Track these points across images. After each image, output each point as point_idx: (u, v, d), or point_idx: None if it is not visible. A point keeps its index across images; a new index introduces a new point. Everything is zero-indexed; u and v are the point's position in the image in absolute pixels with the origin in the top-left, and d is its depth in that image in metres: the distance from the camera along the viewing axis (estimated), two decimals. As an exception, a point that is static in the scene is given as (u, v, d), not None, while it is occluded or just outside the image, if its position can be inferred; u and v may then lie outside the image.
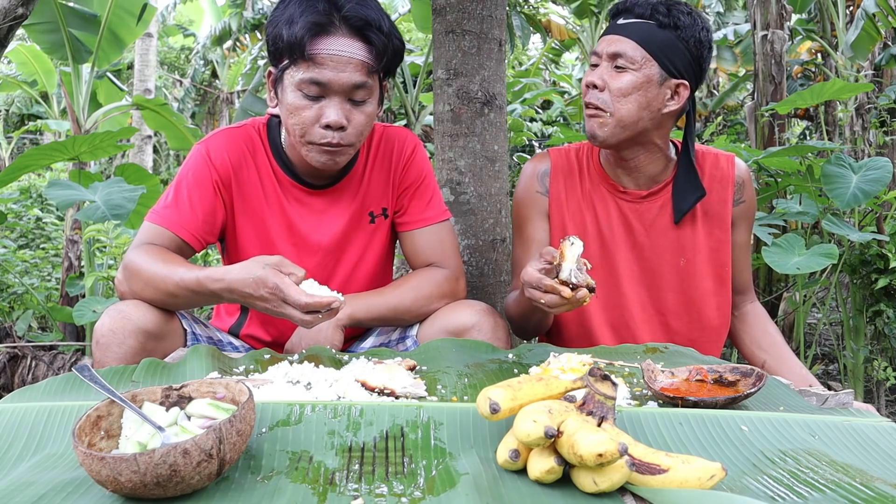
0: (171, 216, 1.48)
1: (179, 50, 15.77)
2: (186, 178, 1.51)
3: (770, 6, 4.31)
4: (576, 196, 1.66)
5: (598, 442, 0.77)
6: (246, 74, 12.76)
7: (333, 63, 1.36)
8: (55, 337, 3.27)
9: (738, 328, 1.72)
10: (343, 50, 1.36)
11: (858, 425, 1.00)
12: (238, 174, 1.53)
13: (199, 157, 1.52)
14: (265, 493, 0.81)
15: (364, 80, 1.38)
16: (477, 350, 1.34)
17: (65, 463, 0.89)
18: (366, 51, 1.38)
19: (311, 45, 1.35)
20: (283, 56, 1.39)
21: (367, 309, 1.49)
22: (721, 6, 9.36)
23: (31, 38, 4.21)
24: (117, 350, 1.31)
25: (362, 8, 1.37)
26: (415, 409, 1.00)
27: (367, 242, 1.61)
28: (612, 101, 1.51)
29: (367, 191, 1.59)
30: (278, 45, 1.38)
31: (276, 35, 1.38)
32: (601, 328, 1.64)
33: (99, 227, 3.15)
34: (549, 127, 7.30)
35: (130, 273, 1.39)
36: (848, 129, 5.05)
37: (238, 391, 0.92)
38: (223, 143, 1.53)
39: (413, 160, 1.62)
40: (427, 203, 1.62)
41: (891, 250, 2.65)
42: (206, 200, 1.50)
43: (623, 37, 1.51)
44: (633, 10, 1.52)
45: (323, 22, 1.35)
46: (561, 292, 1.22)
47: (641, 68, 1.50)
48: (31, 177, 7.74)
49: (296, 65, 1.38)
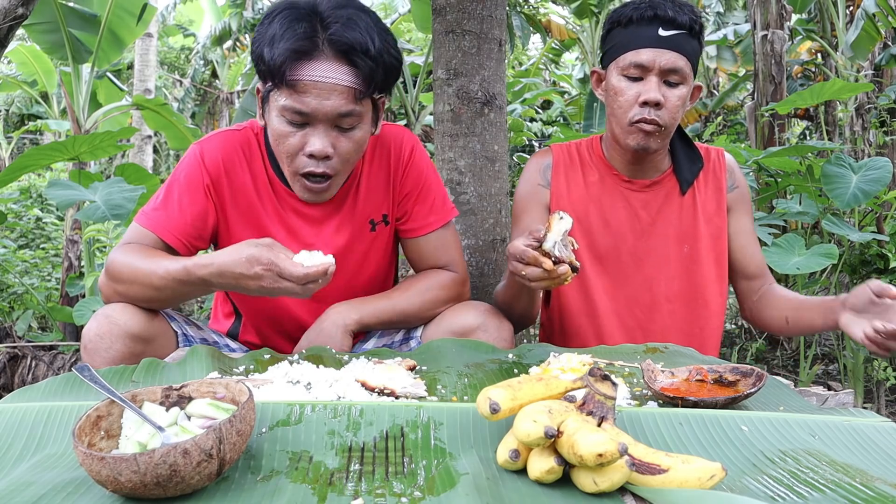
0: (158, 219, 1.43)
1: (179, 50, 15.76)
2: (178, 179, 1.46)
3: (770, 6, 4.31)
4: (579, 189, 1.68)
5: (598, 442, 0.77)
6: (246, 74, 12.77)
7: (317, 90, 1.28)
8: (55, 337, 3.27)
9: (760, 309, 1.70)
10: (327, 76, 1.28)
11: (858, 425, 1.00)
12: (232, 179, 1.47)
13: (192, 159, 1.47)
14: (265, 493, 0.81)
15: (351, 108, 1.30)
16: (477, 350, 1.34)
17: (65, 463, 0.89)
18: (352, 75, 1.29)
19: (293, 71, 1.27)
20: (265, 78, 1.32)
21: (375, 313, 1.47)
22: (721, 6, 9.36)
23: (31, 38, 4.21)
24: (105, 355, 1.29)
25: (348, 30, 1.28)
26: (415, 409, 1.00)
27: (368, 250, 1.56)
28: (668, 117, 1.53)
29: (365, 199, 1.53)
30: (260, 67, 1.31)
31: (259, 55, 1.31)
32: (608, 317, 1.65)
33: (99, 227, 3.16)
34: (549, 127, 7.30)
35: (113, 273, 1.35)
36: (848, 129, 5.04)
37: (238, 391, 0.92)
38: (218, 146, 1.47)
39: (412, 163, 1.55)
40: (430, 207, 1.56)
41: (891, 250, 2.65)
42: (196, 204, 1.44)
43: (672, 51, 1.51)
44: (676, 20, 1.51)
45: (305, 48, 1.27)
46: (542, 263, 1.22)
47: (688, 81, 1.55)
48: (31, 177, 7.74)
49: (279, 89, 1.30)
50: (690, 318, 1.66)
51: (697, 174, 1.66)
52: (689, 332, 1.66)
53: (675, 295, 1.65)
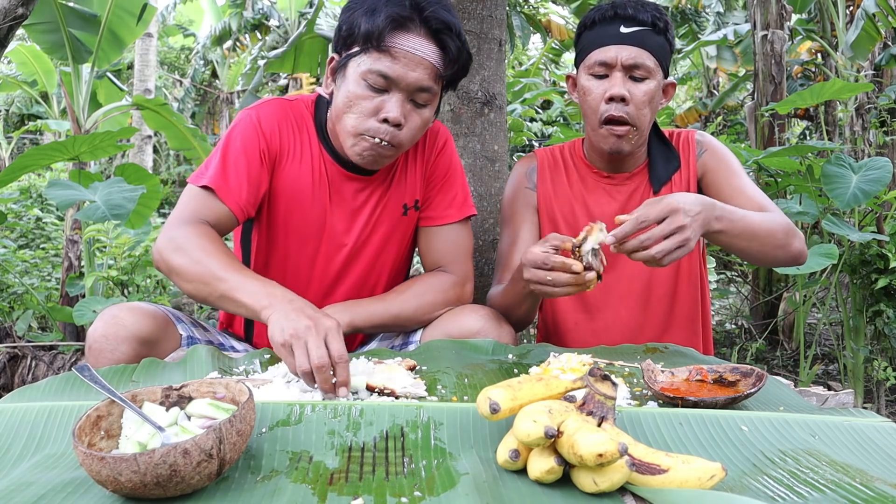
0: (219, 183, 1.41)
1: (179, 50, 15.77)
2: (234, 144, 1.45)
3: (770, 6, 4.31)
4: (563, 189, 1.73)
5: (598, 442, 0.77)
6: (246, 74, 12.74)
7: (406, 59, 1.35)
8: (55, 337, 3.27)
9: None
10: (418, 48, 1.35)
11: (858, 425, 1.00)
12: (284, 145, 1.49)
13: (248, 123, 1.47)
14: (265, 493, 0.81)
15: (430, 84, 1.38)
16: (477, 350, 1.34)
17: (65, 463, 0.89)
18: (439, 55, 1.38)
19: (389, 38, 1.34)
20: (354, 44, 1.37)
21: (368, 316, 1.45)
22: (721, 6, 9.36)
23: (31, 38, 4.20)
24: (110, 356, 1.28)
25: (444, 11, 1.37)
26: (415, 409, 1.00)
27: (395, 233, 1.58)
28: (635, 112, 1.55)
29: (403, 182, 1.57)
30: (353, 32, 1.37)
31: (353, 22, 1.37)
32: (602, 312, 1.68)
33: (99, 227, 3.15)
34: (549, 127, 7.30)
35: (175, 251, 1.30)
36: (848, 129, 5.04)
37: (238, 391, 0.92)
38: (276, 113, 1.50)
39: (444, 153, 1.60)
40: (451, 200, 1.60)
41: (891, 250, 2.65)
42: (253, 170, 1.44)
43: (636, 46, 1.54)
44: (636, 17, 1.54)
45: (405, 16, 1.34)
46: (571, 265, 1.22)
47: (655, 76, 1.57)
48: (31, 177, 7.74)
49: (367, 53, 1.35)
50: (668, 307, 1.68)
51: (672, 175, 1.67)
52: (668, 318, 1.68)
53: (658, 279, 1.67)
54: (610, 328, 1.68)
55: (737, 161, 1.69)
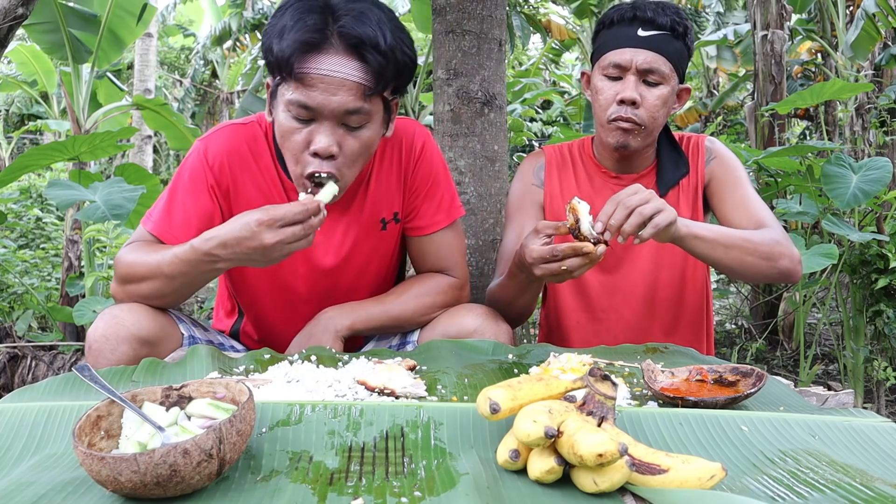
0: (163, 224, 1.41)
1: (179, 50, 15.77)
2: (182, 180, 1.43)
3: (770, 6, 4.31)
4: (571, 187, 1.72)
5: (598, 442, 0.77)
6: (246, 74, 12.77)
7: (324, 85, 1.23)
8: (55, 337, 3.27)
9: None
10: (335, 70, 1.23)
11: (858, 425, 1.00)
12: (237, 177, 1.43)
13: (196, 158, 1.43)
14: (265, 493, 0.81)
15: (359, 105, 1.25)
16: (477, 350, 1.34)
17: (65, 463, 0.89)
18: (362, 71, 1.24)
19: (301, 63, 1.23)
20: (273, 71, 1.28)
21: (368, 318, 1.44)
22: (721, 6, 9.36)
23: (31, 38, 4.20)
24: (110, 356, 1.27)
25: (358, 24, 1.23)
26: (415, 409, 1.00)
27: (377, 249, 1.53)
28: (647, 116, 1.55)
29: (376, 198, 1.49)
30: (269, 59, 1.28)
31: (268, 47, 1.27)
32: (605, 312, 1.68)
33: (99, 227, 3.15)
34: (549, 127, 7.31)
35: (123, 273, 1.34)
36: (848, 129, 5.04)
37: (238, 391, 0.92)
38: (223, 143, 1.43)
39: (423, 158, 1.51)
40: (437, 205, 1.53)
41: (891, 250, 2.65)
42: (200, 205, 1.41)
43: (651, 51, 1.53)
44: (655, 21, 1.53)
45: (314, 40, 1.22)
46: (583, 248, 1.22)
47: (669, 81, 1.56)
48: (31, 177, 7.73)
49: (286, 83, 1.26)
50: (675, 307, 1.68)
51: (679, 180, 1.66)
52: (675, 319, 1.68)
53: (663, 280, 1.67)
54: (612, 329, 1.67)
55: (744, 172, 1.68)
